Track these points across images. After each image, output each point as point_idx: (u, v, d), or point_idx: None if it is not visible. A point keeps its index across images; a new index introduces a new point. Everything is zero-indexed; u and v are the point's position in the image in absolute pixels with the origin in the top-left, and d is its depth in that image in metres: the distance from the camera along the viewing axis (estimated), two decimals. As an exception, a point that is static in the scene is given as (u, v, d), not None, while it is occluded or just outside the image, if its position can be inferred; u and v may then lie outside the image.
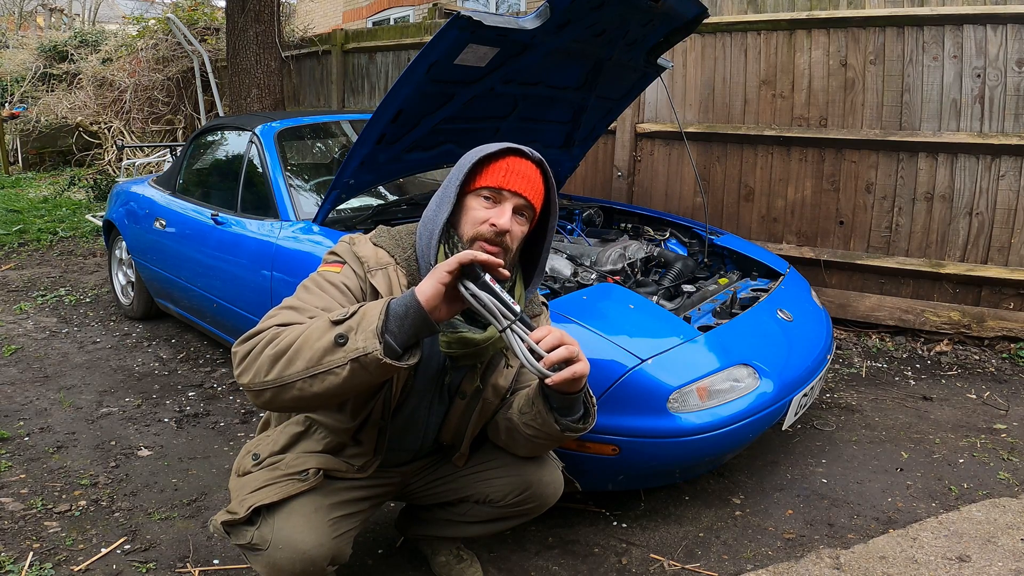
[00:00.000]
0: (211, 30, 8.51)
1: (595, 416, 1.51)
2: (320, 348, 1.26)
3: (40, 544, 2.08)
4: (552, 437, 1.53)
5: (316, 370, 1.26)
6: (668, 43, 2.97)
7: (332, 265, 1.53)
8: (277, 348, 1.30)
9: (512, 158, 1.51)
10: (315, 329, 1.28)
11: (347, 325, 1.26)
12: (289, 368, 1.28)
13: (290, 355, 1.28)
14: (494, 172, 1.49)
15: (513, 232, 1.49)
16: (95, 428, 2.84)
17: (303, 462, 1.55)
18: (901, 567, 2.01)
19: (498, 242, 1.47)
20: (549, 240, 1.61)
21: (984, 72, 3.57)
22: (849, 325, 4.04)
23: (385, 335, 1.25)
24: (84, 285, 4.89)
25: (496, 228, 1.46)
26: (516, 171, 1.49)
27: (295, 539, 1.45)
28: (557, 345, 1.30)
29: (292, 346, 1.29)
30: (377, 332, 1.24)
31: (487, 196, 1.49)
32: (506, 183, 1.48)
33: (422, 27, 6.02)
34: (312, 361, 1.26)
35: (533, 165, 1.53)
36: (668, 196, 4.61)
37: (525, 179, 1.50)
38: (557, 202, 1.59)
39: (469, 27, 2.13)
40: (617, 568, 2.03)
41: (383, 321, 1.26)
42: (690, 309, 2.56)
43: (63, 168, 9.89)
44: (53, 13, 17.46)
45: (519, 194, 1.48)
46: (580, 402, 1.48)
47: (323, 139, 3.70)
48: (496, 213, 1.48)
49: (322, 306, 1.42)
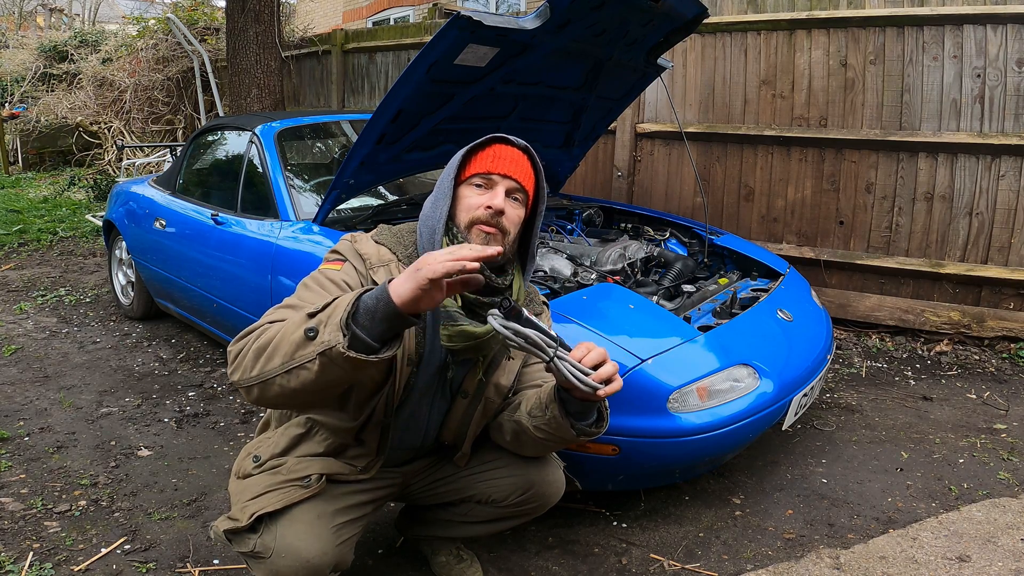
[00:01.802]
0: (211, 30, 8.52)
1: (608, 420, 1.51)
2: (293, 342, 1.23)
3: (40, 544, 2.08)
4: (565, 440, 1.54)
5: (290, 365, 1.23)
6: (668, 43, 2.98)
7: (333, 263, 1.53)
8: (260, 343, 1.29)
9: (498, 145, 1.55)
10: (292, 323, 1.26)
11: (318, 318, 1.23)
12: (268, 364, 1.26)
13: (270, 351, 1.27)
14: (482, 159, 1.53)
15: (509, 215, 1.51)
16: (95, 428, 2.84)
17: (305, 467, 1.55)
18: (901, 567, 2.01)
19: (495, 223, 1.50)
20: (538, 226, 1.64)
21: (984, 72, 3.57)
22: (849, 325, 4.04)
23: (354, 327, 1.21)
24: (84, 285, 4.89)
25: (492, 209, 1.49)
26: (503, 156, 1.53)
27: (298, 547, 1.45)
28: (601, 362, 1.33)
29: (272, 340, 1.27)
30: (341, 324, 1.19)
31: (479, 183, 1.53)
32: (495, 167, 1.52)
33: (422, 27, 6.02)
34: (287, 356, 1.24)
35: (520, 151, 1.56)
36: (668, 196, 4.61)
37: (513, 162, 1.53)
38: (546, 188, 1.62)
39: (469, 27, 2.13)
40: (617, 568, 2.03)
41: (349, 313, 1.21)
42: (690, 309, 2.56)
43: (63, 168, 9.90)
44: (53, 13, 17.46)
45: (509, 176, 1.52)
46: (595, 407, 1.48)
47: (323, 139, 3.70)
48: (489, 196, 1.51)
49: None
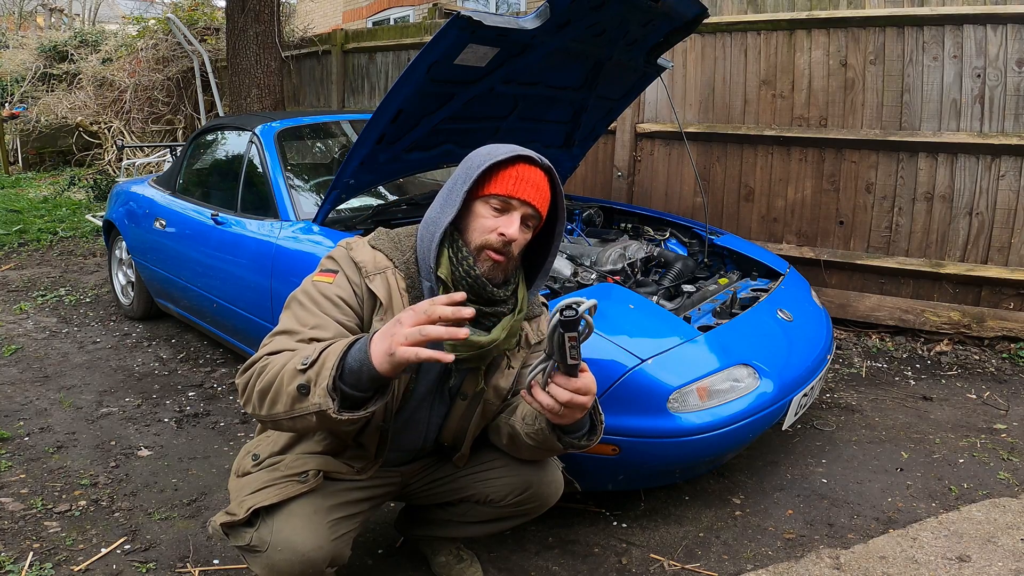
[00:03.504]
0: (211, 30, 8.51)
1: (601, 432, 1.50)
2: (290, 395, 1.28)
3: (40, 544, 2.08)
4: (554, 451, 1.54)
5: (292, 414, 1.29)
6: (668, 43, 2.97)
7: (325, 275, 1.51)
8: (262, 384, 1.33)
9: (522, 166, 1.47)
10: (287, 373, 1.29)
11: (307, 376, 1.25)
12: (274, 408, 1.31)
13: (272, 396, 1.31)
14: (504, 180, 1.46)
15: (518, 240, 1.48)
16: (95, 428, 2.84)
17: (303, 463, 1.55)
18: (901, 567, 2.01)
19: (505, 251, 1.47)
20: (556, 246, 1.59)
21: (984, 72, 3.57)
22: (849, 325, 4.04)
23: (342, 387, 1.25)
24: (84, 285, 4.89)
25: (505, 238, 1.45)
26: (526, 179, 1.46)
27: (294, 541, 1.45)
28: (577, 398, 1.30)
29: (272, 385, 1.31)
30: (328, 390, 1.23)
31: (496, 206, 1.47)
32: (516, 191, 1.45)
33: (422, 27, 6.02)
34: (287, 406, 1.29)
35: (542, 173, 1.50)
36: (668, 196, 4.61)
37: (535, 188, 1.47)
38: (565, 208, 1.57)
39: (469, 27, 2.13)
40: (617, 568, 2.03)
41: (335, 376, 1.24)
42: (690, 309, 2.56)
43: (63, 168, 9.89)
44: (53, 13, 17.44)
45: (528, 203, 1.46)
46: (587, 419, 1.47)
47: (323, 139, 3.70)
48: (504, 222, 1.45)
49: (316, 324, 1.42)
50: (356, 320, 1.47)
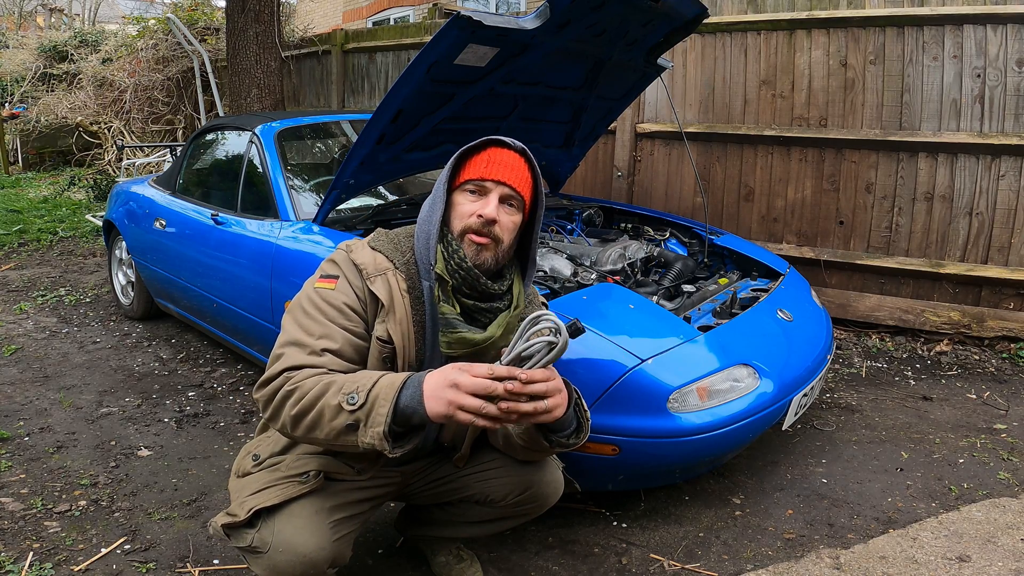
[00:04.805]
0: (211, 30, 8.51)
1: (588, 431, 1.51)
2: (335, 429, 1.33)
3: (40, 544, 2.08)
4: (544, 451, 1.55)
5: (335, 444, 1.36)
6: (668, 43, 2.98)
7: (325, 281, 1.51)
8: (298, 410, 1.36)
9: (493, 149, 1.51)
10: (328, 408, 1.33)
11: (356, 416, 1.31)
12: (312, 433, 1.37)
13: (310, 422, 1.35)
14: (476, 164, 1.50)
15: (502, 222, 1.48)
16: (95, 428, 2.84)
17: (304, 464, 1.55)
18: (901, 567, 2.01)
19: (486, 232, 1.47)
20: (537, 230, 1.60)
21: (984, 72, 3.57)
22: (849, 325, 4.04)
23: (393, 428, 1.30)
24: (84, 285, 4.89)
25: (483, 218, 1.46)
26: (497, 161, 1.49)
27: (296, 542, 1.45)
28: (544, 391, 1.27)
29: (311, 412, 1.35)
30: (384, 435, 1.29)
31: (472, 190, 1.50)
32: (488, 173, 1.48)
33: (422, 27, 6.02)
34: (331, 436, 1.34)
35: (516, 154, 1.52)
36: (668, 196, 4.61)
37: (508, 168, 1.49)
38: (543, 191, 1.59)
39: (469, 27, 2.13)
40: (617, 568, 2.03)
41: (390, 421, 1.29)
42: (690, 309, 2.56)
43: (63, 168, 9.89)
44: (53, 13, 17.45)
45: (503, 183, 1.48)
46: (572, 418, 1.47)
47: (323, 139, 3.70)
48: (482, 204, 1.48)
49: (323, 333, 1.44)
50: (363, 326, 1.49)
